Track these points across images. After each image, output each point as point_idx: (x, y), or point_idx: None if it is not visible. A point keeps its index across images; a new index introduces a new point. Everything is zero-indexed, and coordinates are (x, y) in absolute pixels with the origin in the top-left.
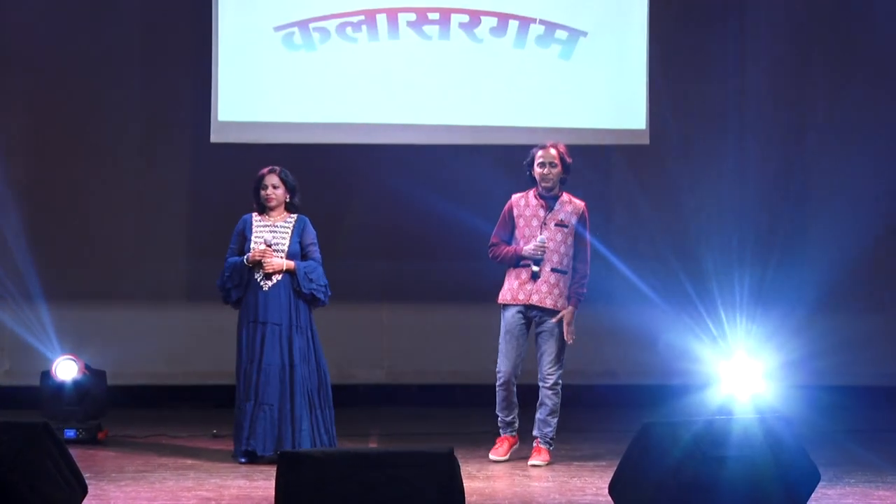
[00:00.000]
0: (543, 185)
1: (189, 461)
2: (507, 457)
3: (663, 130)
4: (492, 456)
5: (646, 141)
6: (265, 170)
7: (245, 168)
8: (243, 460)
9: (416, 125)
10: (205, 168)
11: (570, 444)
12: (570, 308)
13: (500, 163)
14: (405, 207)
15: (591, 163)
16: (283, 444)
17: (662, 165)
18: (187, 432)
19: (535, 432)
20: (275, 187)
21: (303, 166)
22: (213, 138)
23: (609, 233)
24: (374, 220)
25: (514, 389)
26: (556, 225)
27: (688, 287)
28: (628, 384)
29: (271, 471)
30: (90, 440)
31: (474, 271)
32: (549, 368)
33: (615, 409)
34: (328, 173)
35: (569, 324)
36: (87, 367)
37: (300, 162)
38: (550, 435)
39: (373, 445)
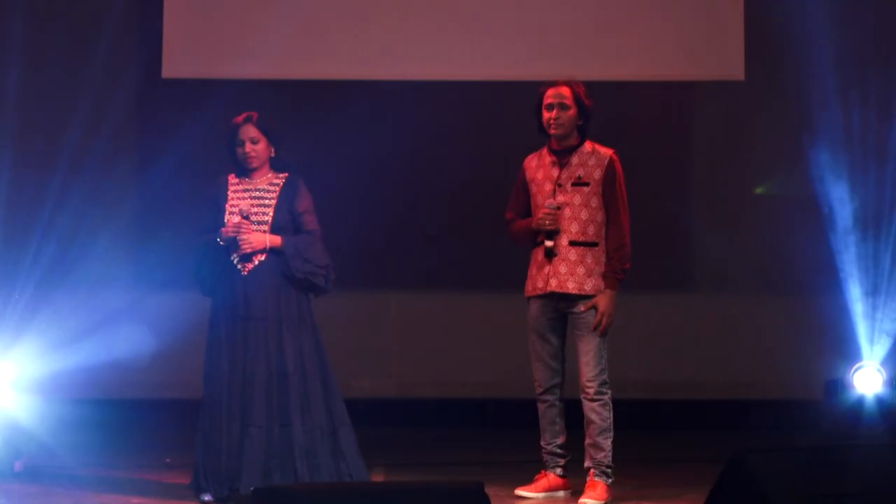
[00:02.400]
0: (553, 133)
1: (135, 500)
2: (536, 494)
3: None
4: (518, 491)
5: (741, 76)
6: (239, 118)
7: (208, 114)
8: (207, 498)
9: (440, 53)
10: (157, 114)
11: (637, 478)
12: (606, 292)
13: None
14: (422, 167)
15: (670, 101)
16: (277, 479)
17: (757, 106)
18: (133, 461)
19: (586, 462)
20: (254, 142)
21: (280, 110)
22: (166, 73)
23: (687, 193)
24: (380, 183)
25: (559, 407)
26: (573, 184)
27: (794, 268)
28: (715, 399)
29: None
30: (4, 471)
31: (511, 252)
32: (589, 373)
33: (698, 433)
34: (314, 120)
35: (603, 313)
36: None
37: (276, 105)
38: (606, 462)
39: (378, 479)
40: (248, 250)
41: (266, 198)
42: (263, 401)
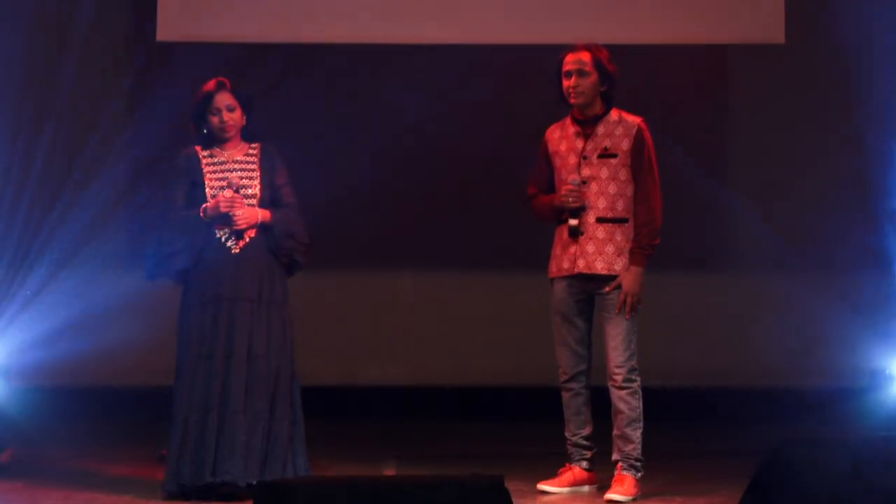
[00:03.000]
0: (574, 102)
1: (127, 497)
2: (560, 489)
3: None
4: (541, 485)
5: (781, 39)
6: (210, 85)
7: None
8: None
9: (454, 15)
10: (151, 82)
11: (669, 472)
12: (632, 269)
13: None
14: (436, 139)
15: (704, 66)
16: (265, 472)
17: (798, 72)
18: (125, 454)
19: (614, 455)
20: (230, 109)
21: (282, 76)
22: (161, 35)
23: (723, 165)
24: (391, 157)
25: (585, 395)
26: (600, 156)
27: (840, 246)
28: (753, 387)
29: None
30: None
31: (534, 230)
32: (617, 359)
33: (735, 423)
34: (318, 88)
35: (627, 292)
36: None
37: (278, 70)
38: (635, 455)
39: (388, 473)
40: (244, 226)
41: (247, 170)
42: (242, 385)
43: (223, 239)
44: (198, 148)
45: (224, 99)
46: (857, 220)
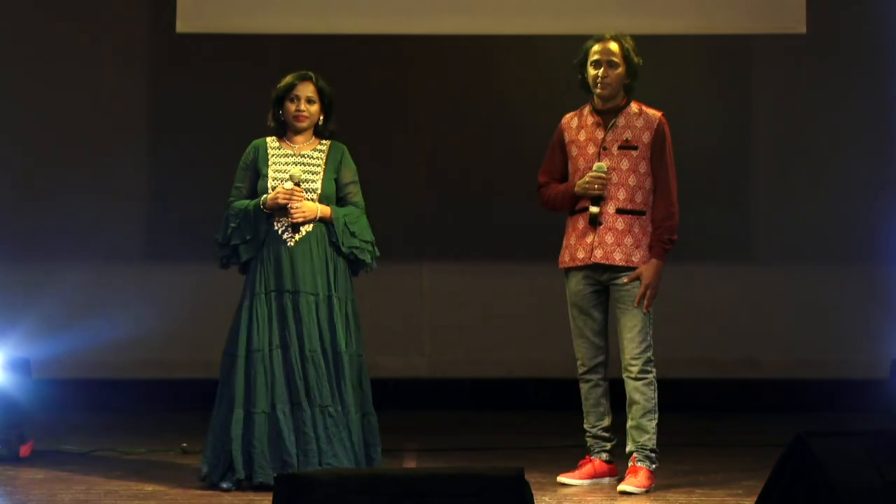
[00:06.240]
0: (600, 92)
1: (149, 487)
2: (580, 482)
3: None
4: (561, 478)
5: (802, 29)
6: (294, 76)
7: (226, 73)
8: (226, 486)
9: (477, 5)
10: (169, 73)
11: (689, 464)
12: (652, 262)
13: None
14: (456, 130)
15: (725, 56)
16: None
17: (820, 62)
18: (146, 446)
19: (628, 447)
20: (310, 102)
21: (301, 68)
22: (181, 27)
23: (745, 156)
24: (411, 146)
25: (604, 387)
26: (620, 147)
27: (862, 236)
28: (774, 378)
29: (264, 500)
30: (9, 456)
31: (554, 220)
32: (633, 351)
33: (756, 414)
34: (339, 79)
35: (647, 285)
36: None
37: (301, 59)
38: (650, 446)
39: (409, 465)
40: (301, 219)
41: (312, 164)
42: (326, 381)
43: (280, 231)
44: (269, 139)
45: (307, 90)
46: (879, 210)
